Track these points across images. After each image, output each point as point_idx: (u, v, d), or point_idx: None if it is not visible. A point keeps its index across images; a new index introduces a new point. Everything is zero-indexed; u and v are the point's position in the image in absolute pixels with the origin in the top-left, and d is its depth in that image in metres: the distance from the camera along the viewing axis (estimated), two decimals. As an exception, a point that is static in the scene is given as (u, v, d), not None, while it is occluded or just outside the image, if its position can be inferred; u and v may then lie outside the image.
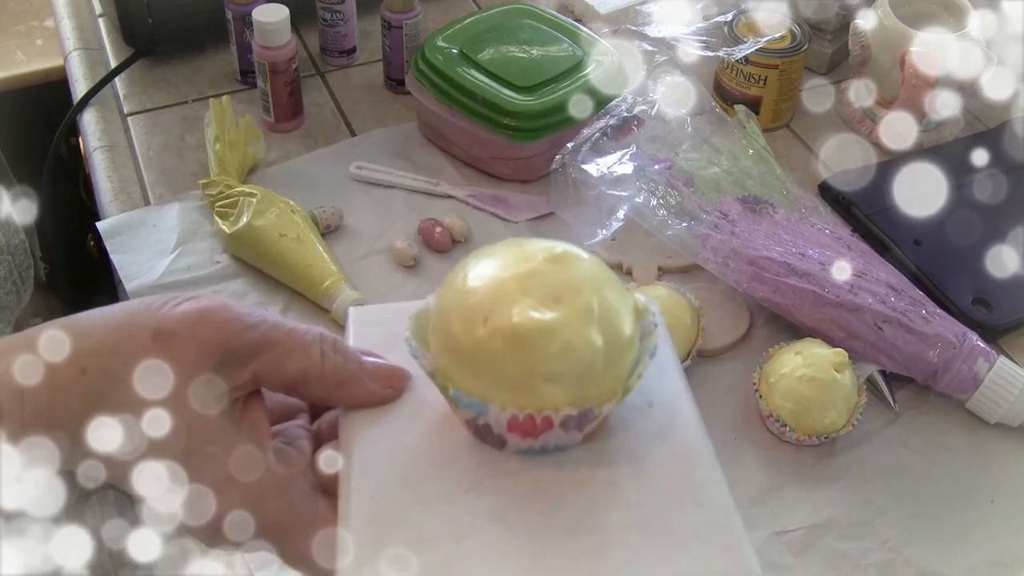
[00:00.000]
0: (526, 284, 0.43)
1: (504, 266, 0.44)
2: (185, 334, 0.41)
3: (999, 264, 0.81)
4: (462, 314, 0.43)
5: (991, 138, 0.94)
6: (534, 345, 0.41)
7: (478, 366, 0.42)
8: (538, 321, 0.41)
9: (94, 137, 0.95)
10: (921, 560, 0.65)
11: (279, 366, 0.43)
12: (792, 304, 0.75)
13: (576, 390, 0.42)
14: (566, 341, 0.42)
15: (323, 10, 1.00)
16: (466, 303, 0.43)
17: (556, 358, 0.42)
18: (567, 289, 0.43)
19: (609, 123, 0.86)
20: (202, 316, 0.41)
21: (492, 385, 0.42)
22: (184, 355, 0.40)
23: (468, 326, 0.42)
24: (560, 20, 0.95)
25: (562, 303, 0.42)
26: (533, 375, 0.42)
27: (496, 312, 0.42)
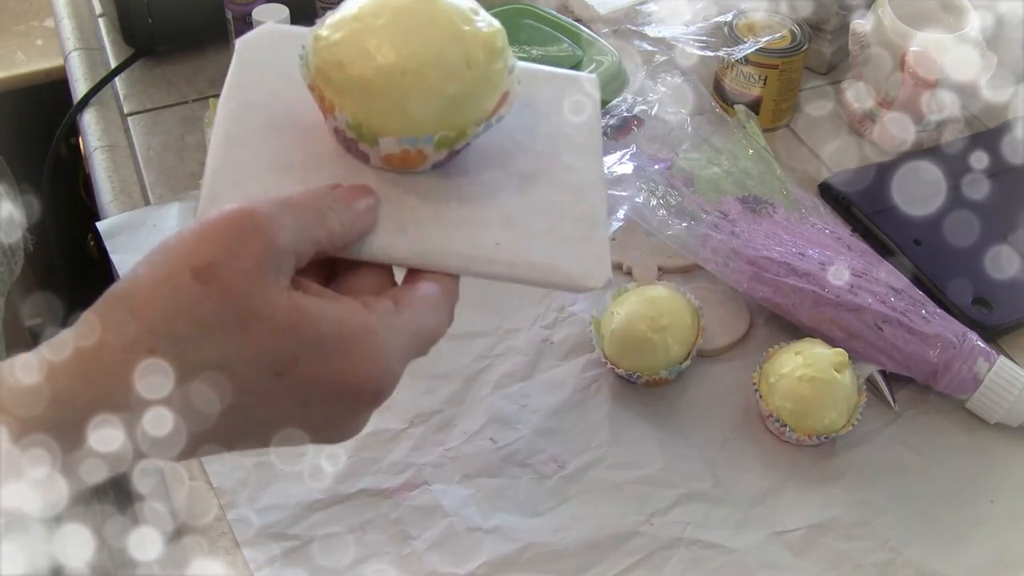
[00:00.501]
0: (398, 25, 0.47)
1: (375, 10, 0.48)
2: (224, 261, 0.39)
3: (999, 264, 0.81)
4: (355, 51, 0.47)
5: (991, 138, 0.94)
6: (404, 77, 0.46)
7: (359, 94, 0.47)
8: (403, 63, 0.46)
9: (94, 137, 0.95)
10: (921, 560, 0.65)
11: (313, 240, 0.43)
12: (792, 304, 0.75)
13: (434, 123, 0.47)
14: (423, 78, 0.46)
15: (323, 10, 1.00)
16: (351, 37, 0.47)
17: (420, 91, 0.46)
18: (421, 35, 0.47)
19: (609, 123, 0.86)
20: (233, 234, 0.40)
21: (372, 113, 0.47)
22: (236, 282, 0.39)
23: (354, 58, 0.47)
24: (560, 20, 0.95)
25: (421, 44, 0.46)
26: (404, 101, 0.46)
27: (379, 52, 0.46)
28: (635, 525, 0.66)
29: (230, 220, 0.40)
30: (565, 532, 0.66)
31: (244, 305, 0.39)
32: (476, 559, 0.64)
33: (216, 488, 0.67)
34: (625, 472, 0.69)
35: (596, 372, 0.75)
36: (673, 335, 0.72)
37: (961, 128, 0.96)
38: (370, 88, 0.46)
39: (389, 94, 0.46)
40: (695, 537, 0.66)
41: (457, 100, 0.47)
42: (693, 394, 0.74)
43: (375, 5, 0.48)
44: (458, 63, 0.47)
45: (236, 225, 0.40)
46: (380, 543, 0.65)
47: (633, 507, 0.67)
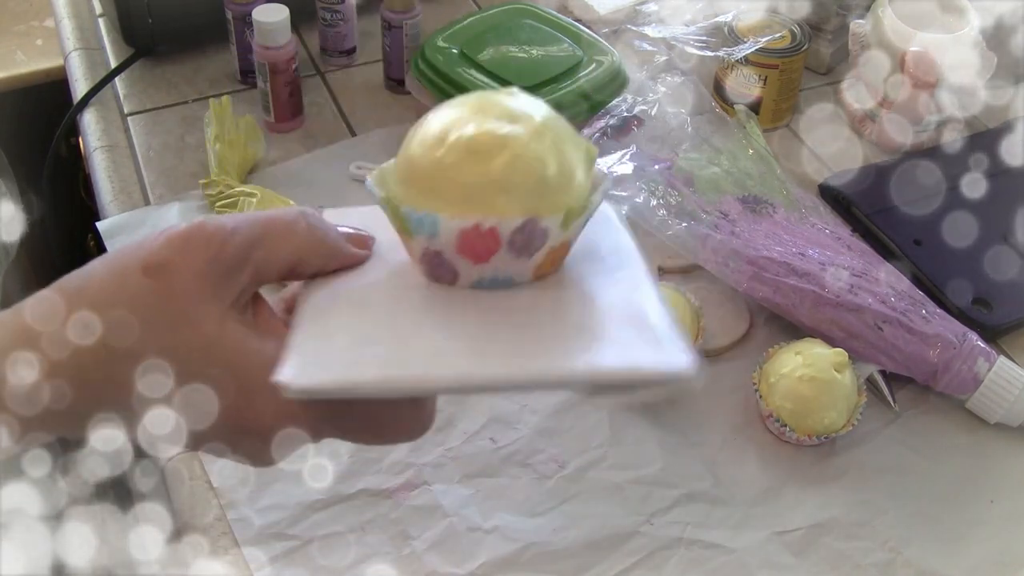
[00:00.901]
0: (483, 108, 0.46)
1: (463, 103, 0.47)
2: (176, 261, 0.41)
3: (999, 264, 0.81)
4: (421, 140, 0.46)
5: (991, 138, 0.94)
6: (487, 155, 0.44)
7: (432, 180, 0.45)
8: (492, 133, 0.44)
9: (94, 137, 0.95)
10: (921, 560, 0.65)
11: (273, 257, 0.44)
12: (792, 304, 0.75)
13: (530, 203, 0.44)
14: (518, 154, 0.44)
15: (323, 10, 1.00)
16: (426, 132, 0.46)
17: (507, 168, 0.44)
18: (523, 113, 0.45)
19: (609, 123, 0.86)
20: (186, 239, 0.42)
21: (443, 196, 0.44)
22: (180, 281, 0.41)
23: (426, 149, 0.45)
24: (560, 20, 0.95)
25: (518, 122, 0.45)
26: (484, 184, 0.44)
27: (454, 131, 0.45)
28: (635, 525, 0.66)
29: (190, 228, 0.42)
30: (565, 532, 0.66)
31: (180, 305, 0.41)
32: (476, 559, 0.64)
33: (216, 488, 0.67)
34: (625, 472, 0.69)
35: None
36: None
37: (961, 128, 0.96)
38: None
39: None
40: (695, 537, 0.66)
41: (580, 188, 0.46)
42: (693, 394, 0.74)
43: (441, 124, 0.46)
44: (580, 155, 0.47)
45: (193, 232, 0.42)
46: (380, 543, 0.65)
47: (633, 507, 0.67)
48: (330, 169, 0.91)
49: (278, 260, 0.44)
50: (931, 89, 0.89)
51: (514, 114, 0.45)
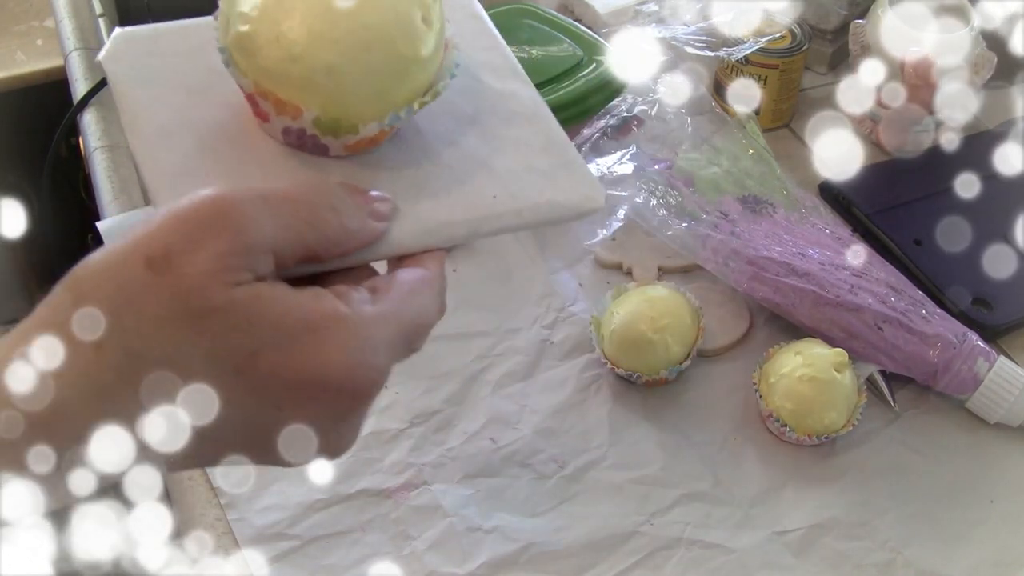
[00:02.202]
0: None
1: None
2: (181, 250, 0.35)
3: (999, 264, 0.81)
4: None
5: (991, 138, 0.94)
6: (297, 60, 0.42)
7: (271, 72, 0.43)
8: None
9: (94, 137, 0.95)
10: (921, 560, 0.65)
11: (295, 245, 0.38)
12: (792, 304, 0.75)
13: (328, 100, 0.43)
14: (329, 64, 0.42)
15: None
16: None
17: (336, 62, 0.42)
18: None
19: (609, 123, 0.86)
20: (194, 221, 0.36)
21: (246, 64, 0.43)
22: (188, 275, 0.35)
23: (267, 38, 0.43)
24: (560, 20, 0.95)
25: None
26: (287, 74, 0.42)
27: (288, 36, 0.42)
28: (635, 525, 0.66)
29: (199, 207, 0.36)
30: (565, 532, 0.66)
31: (196, 303, 0.35)
32: (476, 559, 0.64)
33: (216, 488, 0.67)
34: (625, 472, 0.69)
35: (596, 372, 0.75)
36: (673, 335, 0.72)
37: (961, 128, 0.95)
38: (340, 75, 0.42)
39: (363, 77, 0.42)
40: (695, 537, 0.66)
41: (427, 61, 0.44)
42: (693, 394, 0.74)
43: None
44: (417, 22, 0.43)
45: (203, 213, 0.36)
46: (380, 543, 0.65)
47: (633, 507, 0.67)
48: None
49: (298, 249, 0.39)
50: (931, 89, 0.89)
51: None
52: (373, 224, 0.42)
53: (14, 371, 0.34)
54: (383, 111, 0.44)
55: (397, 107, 0.44)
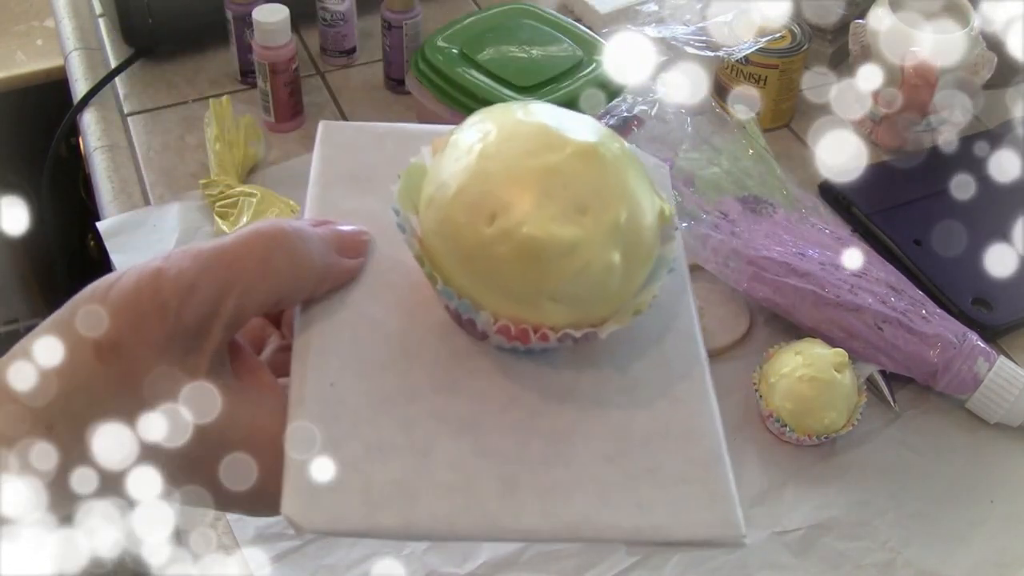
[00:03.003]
0: (548, 184, 0.36)
1: (525, 151, 0.37)
2: (129, 339, 0.35)
3: (999, 264, 0.81)
4: (466, 201, 0.37)
5: (991, 138, 0.94)
6: (548, 262, 0.36)
7: (476, 267, 0.37)
8: (558, 237, 0.36)
9: (94, 137, 0.95)
10: (921, 560, 0.65)
11: (247, 303, 0.36)
12: (792, 304, 0.75)
13: (582, 311, 0.38)
14: (586, 263, 0.36)
15: (323, 10, 1.00)
16: (473, 187, 0.37)
17: (570, 280, 0.37)
18: (595, 198, 0.37)
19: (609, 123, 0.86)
20: (136, 311, 0.35)
21: (488, 291, 0.37)
22: (139, 364, 0.35)
23: (472, 218, 0.37)
24: (560, 20, 0.95)
25: (588, 215, 0.36)
26: (539, 293, 0.37)
27: (509, 212, 0.36)
28: (635, 525, 0.66)
29: (137, 291, 0.36)
30: (565, 532, 0.66)
31: (145, 392, 0.35)
32: (476, 559, 0.64)
33: (216, 488, 0.67)
34: (625, 472, 0.69)
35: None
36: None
37: (961, 128, 0.96)
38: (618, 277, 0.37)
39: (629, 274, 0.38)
40: (695, 537, 0.66)
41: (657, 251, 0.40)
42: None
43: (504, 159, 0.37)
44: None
45: (142, 296, 0.35)
46: (380, 543, 0.65)
47: (633, 507, 0.67)
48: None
49: (253, 305, 0.37)
50: (931, 90, 0.89)
51: (585, 197, 0.37)
52: (344, 261, 0.40)
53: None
54: (623, 304, 0.39)
55: (632, 297, 0.39)
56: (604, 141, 0.38)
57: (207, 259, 0.36)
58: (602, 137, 0.39)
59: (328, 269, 0.39)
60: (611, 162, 0.38)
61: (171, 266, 0.36)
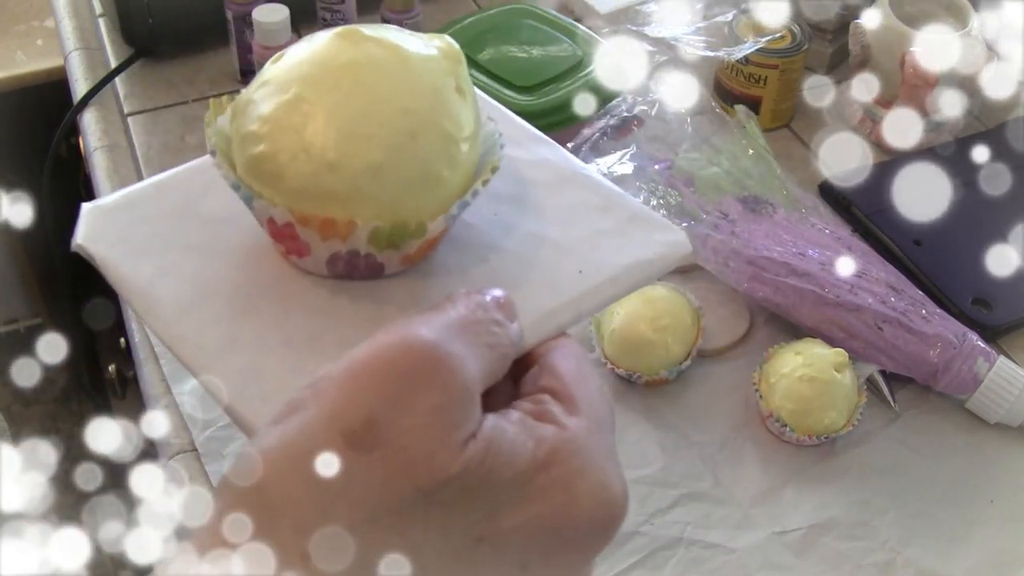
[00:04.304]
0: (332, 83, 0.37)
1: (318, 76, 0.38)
2: (388, 418, 0.29)
3: (999, 264, 0.81)
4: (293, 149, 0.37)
5: (991, 138, 0.94)
6: (333, 167, 0.36)
7: (263, 170, 0.38)
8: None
9: (94, 137, 0.95)
10: (921, 560, 0.65)
11: (488, 373, 0.33)
12: (792, 304, 0.75)
13: (383, 211, 0.37)
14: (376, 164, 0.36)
15: (323, 10, 1.00)
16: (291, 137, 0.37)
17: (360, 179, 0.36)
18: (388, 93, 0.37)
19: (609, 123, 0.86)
20: (399, 374, 0.30)
21: (277, 188, 0.37)
22: (409, 443, 0.29)
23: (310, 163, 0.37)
24: (560, 20, 0.95)
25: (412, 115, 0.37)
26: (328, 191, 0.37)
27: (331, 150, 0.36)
28: (635, 525, 0.66)
29: (394, 356, 0.30)
30: (565, 532, 0.66)
31: (424, 477, 0.29)
32: (476, 559, 0.64)
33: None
34: (625, 472, 0.69)
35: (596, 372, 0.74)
36: (673, 335, 0.72)
37: (961, 128, 0.96)
38: (389, 172, 0.36)
39: (416, 167, 0.37)
40: (695, 537, 0.66)
41: (473, 136, 0.39)
42: (693, 394, 0.74)
43: (315, 77, 0.38)
44: (453, 95, 0.39)
45: (403, 363, 0.30)
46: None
47: (633, 507, 0.67)
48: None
49: (493, 371, 0.33)
50: (931, 89, 0.89)
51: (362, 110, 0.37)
52: (517, 327, 0.36)
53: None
54: (445, 201, 0.38)
55: (456, 194, 0.38)
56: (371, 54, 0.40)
57: (447, 321, 0.33)
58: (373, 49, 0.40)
59: (518, 337, 0.36)
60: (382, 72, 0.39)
61: (414, 327, 0.32)
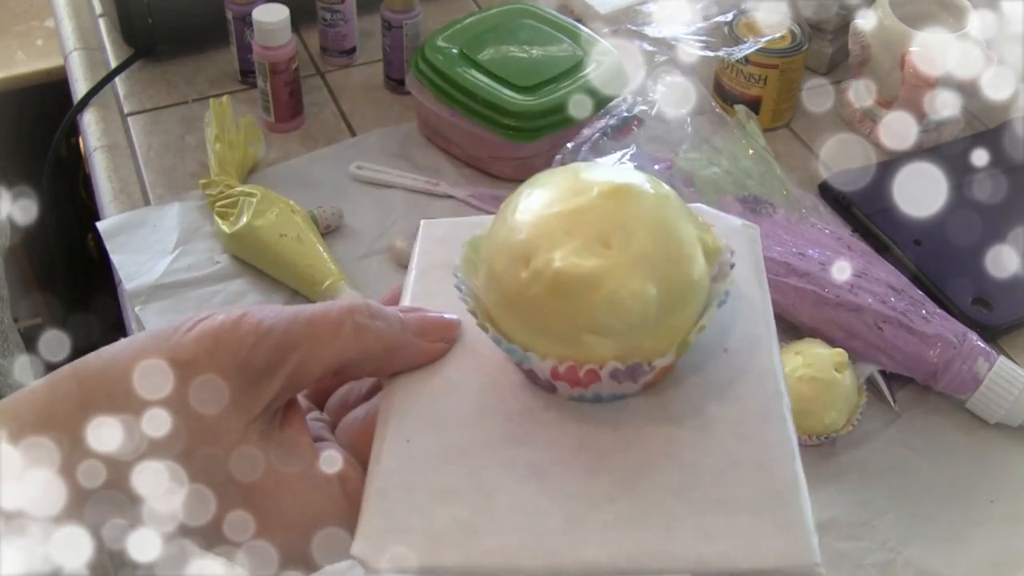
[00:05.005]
0: (573, 222, 0.38)
1: (554, 200, 0.39)
2: (203, 361, 0.37)
3: (999, 264, 0.81)
4: (505, 251, 0.39)
5: (991, 138, 0.94)
6: (576, 294, 0.38)
7: (519, 311, 0.39)
8: (580, 267, 0.37)
9: (94, 137, 0.95)
10: (921, 560, 0.65)
11: (312, 361, 0.39)
12: (792, 304, 0.75)
13: (624, 343, 0.38)
14: (611, 291, 0.37)
15: (323, 10, 1.00)
16: (510, 239, 0.39)
17: (599, 310, 0.37)
18: (619, 230, 0.38)
19: (609, 123, 0.86)
20: (217, 337, 0.37)
21: (533, 333, 0.39)
22: (205, 385, 0.37)
23: (510, 266, 0.39)
24: (560, 20, 0.95)
25: (612, 247, 0.38)
26: (576, 327, 0.38)
27: (538, 253, 0.38)
28: (635, 525, 0.66)
29: (220, 325, 0.38)
30: (565, 532, 0.66)
31: (201, 411, 0.37)
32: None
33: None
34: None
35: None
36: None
37: (961, 128, 0.96)
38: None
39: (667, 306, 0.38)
40: (695, 537, 0.66)
41: (703, 279, 0.40)
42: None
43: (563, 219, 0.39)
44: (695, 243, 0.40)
45: (223, 329, 0.38)
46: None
47: (633, 507, 0.67)
48: (330, 169, 0.91)
49: (318, 365, 0.39)
50: (931, 89, 0.89)
51: (608, 229, 0.38)
52: (421, 343, 0.42)
53: None
54: (673, 339, 0.39)
55: (683, 332, 0.39)
56: (635, 182, 0.40)
57: (287, 313, 0.39)
58: (635, 178, 0.40)
59: (401, 348, 0.41)
60: (639, 198, 0.39)
61: (255, 313, 0.39)
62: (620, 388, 0.40)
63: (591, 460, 0.39)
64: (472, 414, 0.41)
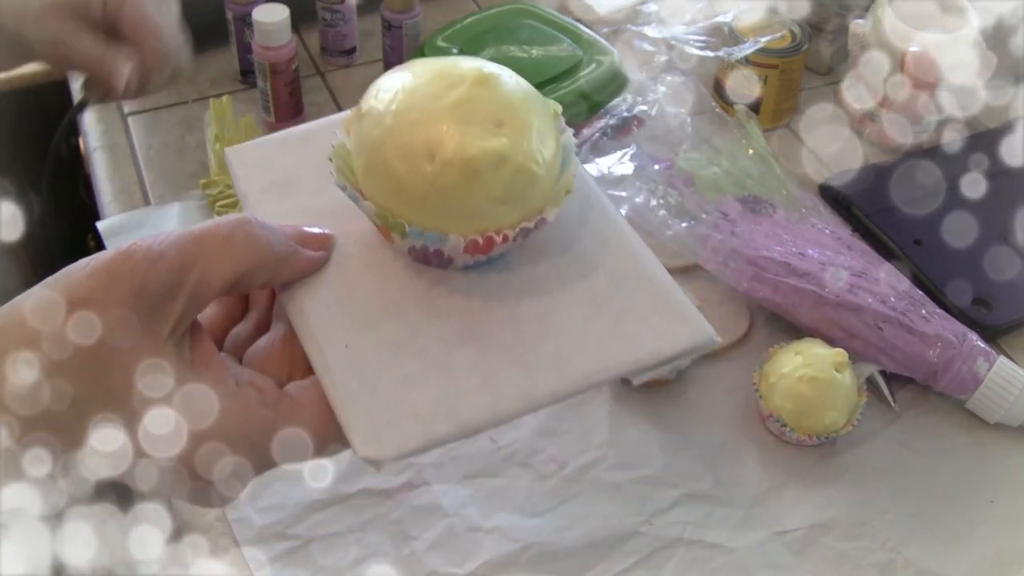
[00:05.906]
0: (462, 112, 0.43)
1: (431, 95, 0.43)
2: (100, 296, 0.38)
3: (999, 264, 0.81)
4: (401, 151, 0.43)
5: (991, 138, 0.94)
6: (487, 173, 0.42)
7: (430, 202, 0.43)
8: (487, 149, 0.42)
9: (94, 137, 0.95)
10: (921, 560, 0.65)
11: (210, 276, 0.40)
12: (792, 304, 0.75)
13: (528, 206, 0.44)
14: (518, 164, 0.43)
15: (323, 10, 1.00)
16: (404, 140, 0.43)
17: (510, 182, 0.43)
18: (504, 110, 0.43)
19: (609, 123, 0.86)
20: (110, 271, 0.39)
21: (447, 217, 0.43)
22: (106, 318, 0.38)
23: (413, 163, 0.42)
24: (560, 20, 0.95)
25: (504, 125, 0.43)
26: (489, 201, 0.43)
27: (442, 145, 0.42)
28: (635, 525, 0.66)
29: (111, 259, 0.39)
30: (565, 532, 0.66)
31: (108, 344, 0.38)
32: (476, 559, 0.64)
33: (216, 488, 0.67)
34: (625, 472, 0.69)
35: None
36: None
37: (961, 128, 0.96)
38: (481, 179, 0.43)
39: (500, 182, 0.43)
40: (695, 537, 0.66)
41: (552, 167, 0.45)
42: (693, 394, 0.74)
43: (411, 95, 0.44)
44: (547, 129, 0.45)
45: (115, 262, 0.39)
46: (380, 543, 0.65)
47: (633, 507, 0.67)
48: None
49: (216, 279, 0.40)
50: (931, 89, 0.89)
51: (496, 112, 0.43)
52: (305, 251, 0.44)
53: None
54: (559, 192, 0.45)
55: (564, 185, 0.45)
56: (494, 69, 0.45)
57: (176, 236, 0.40)
58: (489, 66, 0.45)
59: (288, 256, 0.43)
60: (505, 81, 0.44)
61: (143, 241, 0.40)
62: (512, 246, 0.45)
63: (508, 314, 0.45)
64: (386, 306, 0.45)
